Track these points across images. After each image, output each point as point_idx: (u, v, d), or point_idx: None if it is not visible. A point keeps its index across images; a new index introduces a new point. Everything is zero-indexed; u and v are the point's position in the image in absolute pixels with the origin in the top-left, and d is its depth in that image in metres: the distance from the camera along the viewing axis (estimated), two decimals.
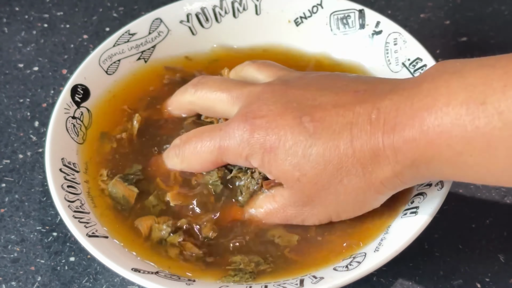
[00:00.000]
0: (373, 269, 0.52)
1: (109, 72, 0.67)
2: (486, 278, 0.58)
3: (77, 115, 0.63)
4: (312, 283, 0.52)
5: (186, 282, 0.53)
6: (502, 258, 0.59)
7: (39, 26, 0.80)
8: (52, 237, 0.62)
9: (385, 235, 0.55)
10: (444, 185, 0.55)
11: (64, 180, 0.58)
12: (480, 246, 0.60)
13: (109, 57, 0.67)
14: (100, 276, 0.60)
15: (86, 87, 0.65)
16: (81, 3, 0.82)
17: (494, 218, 0.62)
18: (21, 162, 0.68)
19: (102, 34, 0.79)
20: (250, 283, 0.54)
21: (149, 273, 0.53)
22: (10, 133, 0.70)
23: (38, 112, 0.72)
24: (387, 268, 0.57)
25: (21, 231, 0.63)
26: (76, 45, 0.78)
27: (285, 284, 0.53)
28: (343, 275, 0.52)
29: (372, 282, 0.58)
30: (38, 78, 0.75)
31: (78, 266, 0.60)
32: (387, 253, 0.52)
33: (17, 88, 0.74)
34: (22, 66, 0.76)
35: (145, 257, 0.55)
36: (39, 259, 0.61)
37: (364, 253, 0.54)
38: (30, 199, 0.65)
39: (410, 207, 0.56)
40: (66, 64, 0.76)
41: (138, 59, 0.69)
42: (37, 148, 0.69)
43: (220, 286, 0.54)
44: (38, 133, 0.70)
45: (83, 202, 0.58)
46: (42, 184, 0.66)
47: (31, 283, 0.60)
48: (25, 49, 0.78)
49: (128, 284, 0.59)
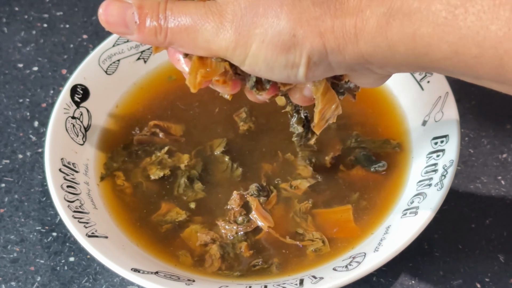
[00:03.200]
0: (373, 269, 0.52)
1: (108, 72, 0.67)
2: (486, 278, 0.58)
3: (76, 115, 0.63)
4: (312, 283, 0.52)
5: (185, 282, 0.53)
6: (502, 258, 0.59)
7: (39, 26, 0.80)
8: (52, 237, 0.62)
9: (385, 235, 0.55)
10: (444, 185, 0.55)
11: (64, 180, 0.58)
12: (480, 246, 0.60)
13: (108, 57, 0.67)
14: (100, 276, 0.60)
15: (86, 87, 0.65)
16: (80, 3, 0.82)
17: (494, 218, 0.62)
18: (20, 162, 0.68)
19: (101, 34, 0.79)
20: (250, 282, 0.54)
21: (148, 273, 0.53)
22: (10, 133, 0.70)
23: (38, 112, 0.72)
24: (387, 268, 0.57)
25: (21, 231, 0.63)
26: (75, 45, 0.78)
27: (284, 284, 0.53)
28: (343, 275, 0.52)
29: (372, 282, 0.58)
30: (37, 78, 0.75)
31: (77, 266, 0.60)
32: (387, 253, 0.52)
33: (16, 88, 0.74)
34: (21, 66, 0.76)
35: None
36: (38, 259, 0.61)
37: (364, 253, 0.54)
38: (29, 199, 0.65)
39: (410, 207, 0.56)
40: (66, 64, 0.76)
41: (138, 59, 0.69)
42: (36, 148, 0.69)
43: (220, 286, 0.54)
44: (38, 133, 0.70)
45: (83, 202, 0.58)
46: (42, 184, 0.66)
47: (31, 283, 0.60)
48: (24, 49, 0.78)
49: (128, 284, 0.59)
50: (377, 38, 0.42)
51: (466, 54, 0.40)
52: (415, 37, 0.41)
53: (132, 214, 0.60)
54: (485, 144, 0.67)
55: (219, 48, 0.44)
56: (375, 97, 0.66)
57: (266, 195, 0.60)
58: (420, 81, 0.63)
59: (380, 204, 0.59)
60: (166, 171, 0.62)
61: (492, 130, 0.67)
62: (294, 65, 0.44)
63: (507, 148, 0.66)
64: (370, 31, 0.42)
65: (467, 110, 0.69)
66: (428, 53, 0.41)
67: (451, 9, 0.39)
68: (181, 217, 0.59)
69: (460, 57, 0.40)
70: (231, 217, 0.59)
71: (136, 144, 0.65)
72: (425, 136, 0.61)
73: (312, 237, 0.57)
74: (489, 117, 0.68)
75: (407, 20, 0.40)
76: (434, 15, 0.40)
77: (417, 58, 0.42)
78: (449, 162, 0.56)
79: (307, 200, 0.60)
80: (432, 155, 0.59)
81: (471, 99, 0.70)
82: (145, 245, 0.58)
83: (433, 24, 0.40)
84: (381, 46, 0.42)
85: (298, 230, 0.58)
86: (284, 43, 0.43)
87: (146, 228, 0.59)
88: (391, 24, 0.41)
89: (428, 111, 0.62)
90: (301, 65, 0.44)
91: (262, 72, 0.45)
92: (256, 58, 0.44)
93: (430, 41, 0.40)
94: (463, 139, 0.66)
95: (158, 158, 0.63)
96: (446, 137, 0.58)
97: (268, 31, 0.43)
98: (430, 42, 0.40)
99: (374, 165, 0.61)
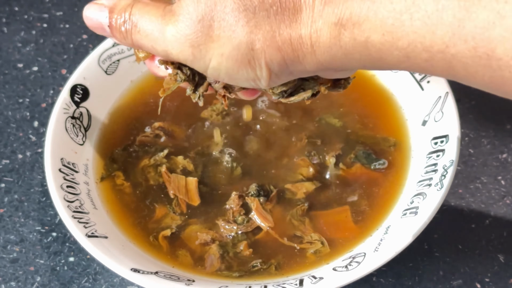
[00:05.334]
0: (373, 269, 0.52)
1: (108, 72, 0.67)
2: (486, 278, 0.58)
3: (76, 115, 0.63)
4: (311, 283, 0.52)
5: (185, 282, 0.53)
6: (502, 258, 0.59)
7: (39, 26, 0.80)
8: (52, 237, 0.62)
9: (385, 235, 0.55)
10: (444, 185, 0.55)
11: (64, 180, 0.58)
12: (480, 246, 0.60)
13: (108, 57, 0.67)
14: (100, 276, 0.60)
15: (86, 87, 0.65)
16: (80, 3, 0.82)
17: (494, 218, 0.62)
18: (20, 162, 0.68)
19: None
20: (250, 282, 0.54)
21: (148, 273, 0.53)
22: (10, 133, 0.70)
23: (38, 112, 0.72)
24: (387, 268, 0.57)
25: (21, 231, 0.63)
26: (75, 45, 0.78)
27: (284, 284, 0.53)
28: (342, 275, 0.52)
29: (372, 282, 0.58)
30: (37, 78, 0.75)
31: (77, 266, 0.60)
32: (387, 253, 0.52)
33: (16, 88, 0.74)
34: (21, 66, 0.76)
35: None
36: (38, 259, 0.61)
37: (363, 253, 0.54)
38: (29, 199, 0.65)
39: (410, 207, 0.56)
40: (66, 64, 0.76)
41: None
42: (36, 148, 0.69)
43: (220, 286, 0.54)
44: (38, 133, 0.70)
45: (83, 202, 0.58)
46: (42, 184, 0.66)
47: (31, 283, 0.59)
48: (24, 49, 0.78)
49: (128, 284, 0.59)
50: (333, 48, 0.42)
51: (417, 58, 0.40)
52: (367, 44, 0.41)
53: (132, 214, 0.60)
54: (485, 144, 0.67)
55: (178, 58, 0.45)
56: (375, 97, 0.66)
57: (266, 195, 0.60)
58: (420, 81, 0.63)
59: (380, 204, 0.59)
60: (162, 180, 0.62)
61: (492, 130, 0.67)
62: (256, 78, 0.44)
63: (507, 148, 0.66)
64: (324, 41, 0.42)
65: (467, 110, 0.69)
66: (382, 58, 0.41)
67: (397, 16, 0.39)
68: (176, 222, 0.59)
69: (412, 61, 0.41)
70: (230, 216, 0.59)
71: (138, 144, 0.65)
72: (425, 136, 0.61)
73: (311, 239, 0.57)
74: (489, 117, 0.68)
75: (357, 29, 0.41)
76: (382, 22, 0.40)
77: (373, 63, 0.42)
78: (449, 162, 0.56)
79: (303, 203, 0.60)
80: (432, 155, 0.59)
81: (471, 99, 0.70)
82: (145, 245, 0.58)
83: (382, 31, 0.40)
84: (337, 55, 0.42)
85: (296, 233, 0.58)
86: (243, 56, 0.43)
87: (145, 228, 0.59)
88: (343, 33, 0.41)
89: (428, 111, 0.62)
90: (262, 77, 0.44)
91: (226, 81, 0.46)
92: (217, 71, 0.44)
93: (382, 47, 0.41)
94: (463, 139, 0.66)
95: (156, 162, 0.63)
96: (446, 137, 0.58)
97: (226, 44, 0.43)
98: (382, 49, 0.41)
99: (374, 162, 0.61)
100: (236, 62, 0.43)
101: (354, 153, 0.62)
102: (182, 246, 0.58)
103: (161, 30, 0.44)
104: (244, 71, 0.44)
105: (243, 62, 0.43)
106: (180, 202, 0.60)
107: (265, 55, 0.43)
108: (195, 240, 0.58)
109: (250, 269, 0.56)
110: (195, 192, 0.61)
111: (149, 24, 0.45)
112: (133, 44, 0.47)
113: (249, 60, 0.43)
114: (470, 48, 0.38)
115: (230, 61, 0.43)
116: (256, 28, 0.42)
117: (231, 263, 0.57)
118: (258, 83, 0.44)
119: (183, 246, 0.58)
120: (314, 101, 0.66)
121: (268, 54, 0.43)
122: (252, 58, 0.43)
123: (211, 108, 0.66)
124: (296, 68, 0.44)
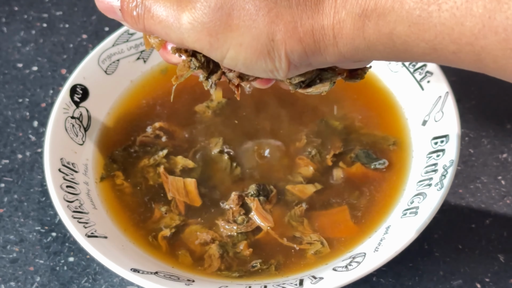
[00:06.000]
0: (373, 269, 0.52)
1: (108, 72, 0.67)
2: (486, 278, 0.58)
3: (76, 115, 0.63)
4: (311, 284, 0.52)
5: (185, 282, 0.53)
6: (502, 258, 0.59)
7: (38, 26, 0.80)
8: (51, 237, 0.62)
9: (385, 235, 0.55)
10: (444, 185, 0.55)
11: (63, 180, 0.58)
12: (480, 246, 0.60)
13: (108, 57, 0.67)
14: (99, 277, 0.60)
15: (85, 87, 0.65)
16: (80, 3, 0.82)
17: (494, 218, 0.62)
18: (20, 162, 0.68)
19: (101, 33, 0.79)
20: (250, 282, 0.54)
21: (148, 273, 0.53)
22: (9, 133, 0.70)
23: (37, 112, 0.72)
24: (387, 268, 0.57)
25: (20, 231, 0.63)
26: (75, 45, 0.78)
27: (284, 284, 0.53)
28: (342, 275, 0.52)
29: (372, 282, 0.58)
30: (37, 78, 0.75)
31: (77, 266, 0.60)
32: (387, 253, 0.52)
33: (16, 88, 0.74)
34: (21, 66, 0.76)
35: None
36: (38, 259, 0.61)
37: (363, 253, 0.54)
38: (29, 199, 0.65)
39: (410, 207, 0.56)
40: (65, 64, 0.76)
41: (137, 59, 0.69)
42: (36, 148, 0.69)
43: (220, 286, 0.53)
44: (37, 133, 0.70)
45: (82, 202, 0.58)
46: (41, 184, 0.66)
47: (30, 283, 0.59)
48: (24, 49, 0.78)
49: (127, 284, 0.59)
50: (356, 40, 0.41)
51: (444, 50, 0.40)
52: (392, 36, 0.40)
53: (132, 214, 0.60)
54: (485, 144, 0.66)
55: (193, 47, 0.43)
56: (375, 97, 0.66)
57: (266, 195, 0.60)
58: (420, 81, 0.63)
59: (380, 204, 0.59)
60: (161, 180, 0.62)
61: (492, 130, 0.67)
62: (274, 69, 0.43)
63: (507, 148, 0.66)
64: (347, 33, 0.41)
65: (467, 110, 0.69)
66: (407, 50, 0.41)
67: (424, 7, 0.39)
68: (175, 222, 0.59)
69: (439, 53, 0.40)
70: (230, 216, 0.59)
71: (138, 144, 0.65)
72: (425, 136, 0.61)
73: (310, 239, 0.57)
74: (489, 117, 0.68)
75: (382, 21, 0.40)
76: (408, 14, 0.39)
77: (397, 55, 0.42)
78: (449, 162, 0.56)
79: (301, 204, 0.60)
80: (432, 155, 0.59)
81: (471, 99, 0.70)
82: (145, 245, 0.58)
83: (408, 23, 0.39)
84: (360, 47, 0.42)
85: (296, 234, 0.58)
86: (263, 47, 0.42)
87: (145, 228, 0.59)
88: (367, 25, 0.41)
89: (428, 111, 0.62)
90: (281, 69, 0.43)
91: (243, 71, 0.45)
92: (234, 61, 0.43)
93: (407, 39, 0.40)
94: (463, 139, 0.66)
95: (156, 162, 0.63)
96: (446, 137, 0.58)
97: (245, 34, 0.42)
98: (407, 41, 0.40)
99: (374, 162, 0.61)
100: (255, 53, 0.42)
101: (354, 152, 0.62)
102: (182, 246, 0.58)
103: (176, 17, 0.43)
104: (263, 62, 0.43)
105: (262, 53, 0.42)
106: (178, 203, 0.60)
107: (285, 46, 0.42)
108: (195, 240, 0.58)
109: (250, 269, 0.56)
110: (195, 193, 0.61)
111: (163, 10, 0.43)
112: (145, 30, 0.45)
113: (269, 51, 0.42)
114: (501, 40, 0.37)
115: (248, 52, 0.42)
116: (277, 18, 0.41)
117: (231, 263, 0.57)
118: (276, 74, 0.44)
119: (183, 246, 0.58)
120: (315, 99, 0.66)
121: (289, 45, 0.42)
122: (272, 49, 0.42)
123: (206, 104, 0.66)
124: (317, 60, 0.43)
